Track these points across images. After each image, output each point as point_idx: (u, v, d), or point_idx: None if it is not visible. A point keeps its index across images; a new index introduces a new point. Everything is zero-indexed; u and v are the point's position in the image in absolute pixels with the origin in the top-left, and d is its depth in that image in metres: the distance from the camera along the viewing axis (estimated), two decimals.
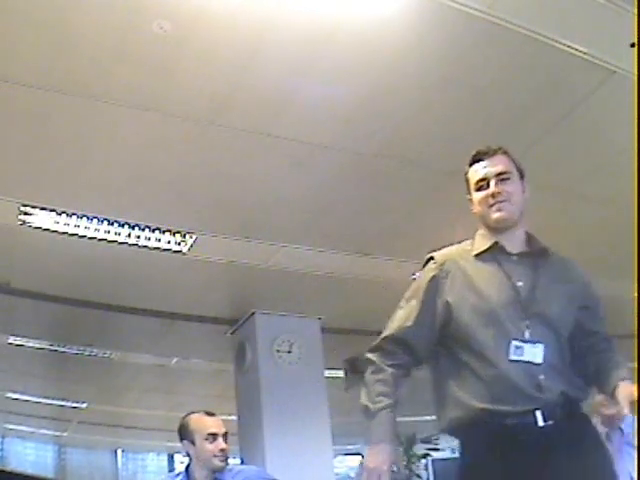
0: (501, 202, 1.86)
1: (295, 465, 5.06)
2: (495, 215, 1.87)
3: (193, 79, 3.04)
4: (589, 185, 4.10)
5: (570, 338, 1.83)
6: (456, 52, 2.99)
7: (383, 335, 1.91)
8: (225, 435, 2.68)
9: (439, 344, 1.88)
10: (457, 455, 1.88)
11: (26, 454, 11.69)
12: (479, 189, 1.91)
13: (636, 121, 2.71)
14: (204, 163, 3.69)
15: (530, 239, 1.93)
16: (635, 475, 2.97)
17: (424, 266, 1.94)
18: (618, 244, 3.02)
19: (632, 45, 2.84)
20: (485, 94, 3.29)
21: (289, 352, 5.70)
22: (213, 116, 3.28)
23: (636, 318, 1.72)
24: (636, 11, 2.68)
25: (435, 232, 4.49)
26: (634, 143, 3.08)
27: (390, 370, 1.85)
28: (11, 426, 10.48)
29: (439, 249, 1.98)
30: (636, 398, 1.60)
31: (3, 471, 5.92)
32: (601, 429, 3.08)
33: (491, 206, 1.87)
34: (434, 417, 1.90)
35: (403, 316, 1.90)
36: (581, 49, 2.98)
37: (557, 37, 2.91)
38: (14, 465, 10.92)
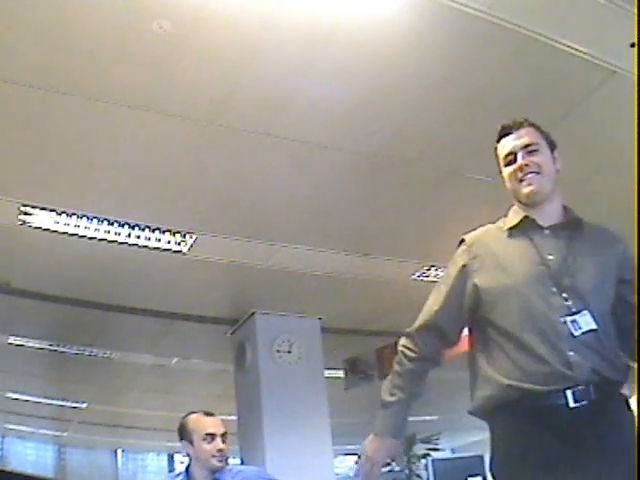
0: (530, 175, 1.81)
1: (295, 465, 5.05)
2: (525, 189, 1.82)
3: (193, 79, 3.04)
4: (589, 185, 4.10)
5: (614, 313, 1.76)
6: (456, 52, 2.99)
7: (415, 324, 1.91)
8: (223, 435, 2.68)
9: (473, 327, 1.87)
10: (487, 440, 1.81)
11: (26, 454, 11.70)
12: (508, 164, 1.87)
13: (636, 121, 2.71)
14: (204, 163, 3.69)
15: (566, 211, 1.87)
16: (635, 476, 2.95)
17: (457, 247, 1.93)
18: None
19: (632, 45, 2.84)
20: (485, 94, 3.29)
21: (289, 352, 5.70)
22: (213, 116, 3.28)
23: (636, 318, 1.69)
24: (636, 11, 2.68)
25: (435, 232, 4.50)
26: (634, 143, 3.07)
27: (409, 365, 1.86)
28: (11, 426, 10.49)
29: (468, 234, 1.94)
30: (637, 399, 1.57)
31: (3, 471, 5.92)
32: None
33: (521, 180, 1.83)
34: (434, 417, 1.90)
35: (431, 302, 1.91)
36: (581, 49, 2.98)
37: (557, 37, 2.91)
38: (14, 465, 10.93)
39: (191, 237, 4.43)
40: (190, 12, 2.67)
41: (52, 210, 4.02)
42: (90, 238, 4.28)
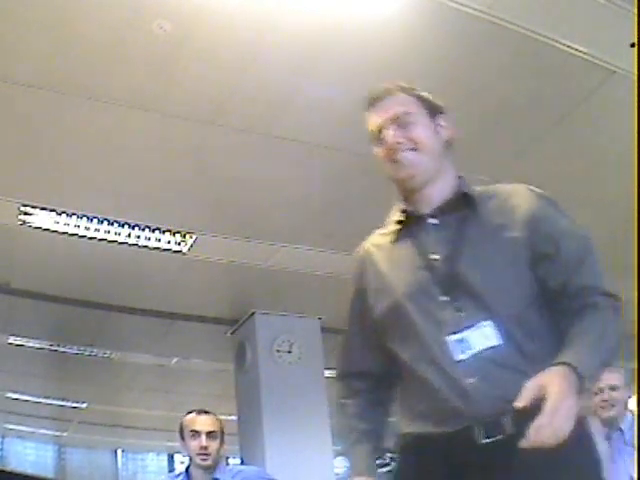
0: (404, 154, 1.43)
1: (295, 465, 5.05)
2: (401, 173, 1.45)
3: (193, 79, 3.04)
4: (588, 185, 4.10)
5: (548, 303, 1.35)
6: (456, 52, 2.99)
7: (336, 371, 1.63)
8: (209, 434, 2.70)
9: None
10: None
11: (26, 454, 11.69)
12: (379, 143, 1.50)
13: (636, 121, 2.71)
14: (204, 163, 3.69)
15: (459, 186, 1.46)
16: (635, 476, 2.96)
17: None
18: (618, 244, 3.01)
19: (632, 45, 2.84)
20: (485, 94, 3.29)
21: (289, 352, 5.69)
22: (213, 116, 3.28)
23: (636, 318, 1.64)
24: (636, 11, 2.68)
25: None
26: (634, 143, 3.08)
27: (351, 401, 1.54)
28: (11, 426, 10.48)
29: None
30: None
31: (3, 471, 5.93)
32: (600, 429, 3.06)
33: (395, 162, 1.45)
34: None
35: (341, 343, 1.61)
36: (581, 49, 2.98)
37: (557, 37, 2.91)
38: (14, 465, 10.92)
39: (191, 237, 4.43)
40: (190, 12, 2.67)
41: (52, 210, 4.02)
42: (90, 238, 4.28)
